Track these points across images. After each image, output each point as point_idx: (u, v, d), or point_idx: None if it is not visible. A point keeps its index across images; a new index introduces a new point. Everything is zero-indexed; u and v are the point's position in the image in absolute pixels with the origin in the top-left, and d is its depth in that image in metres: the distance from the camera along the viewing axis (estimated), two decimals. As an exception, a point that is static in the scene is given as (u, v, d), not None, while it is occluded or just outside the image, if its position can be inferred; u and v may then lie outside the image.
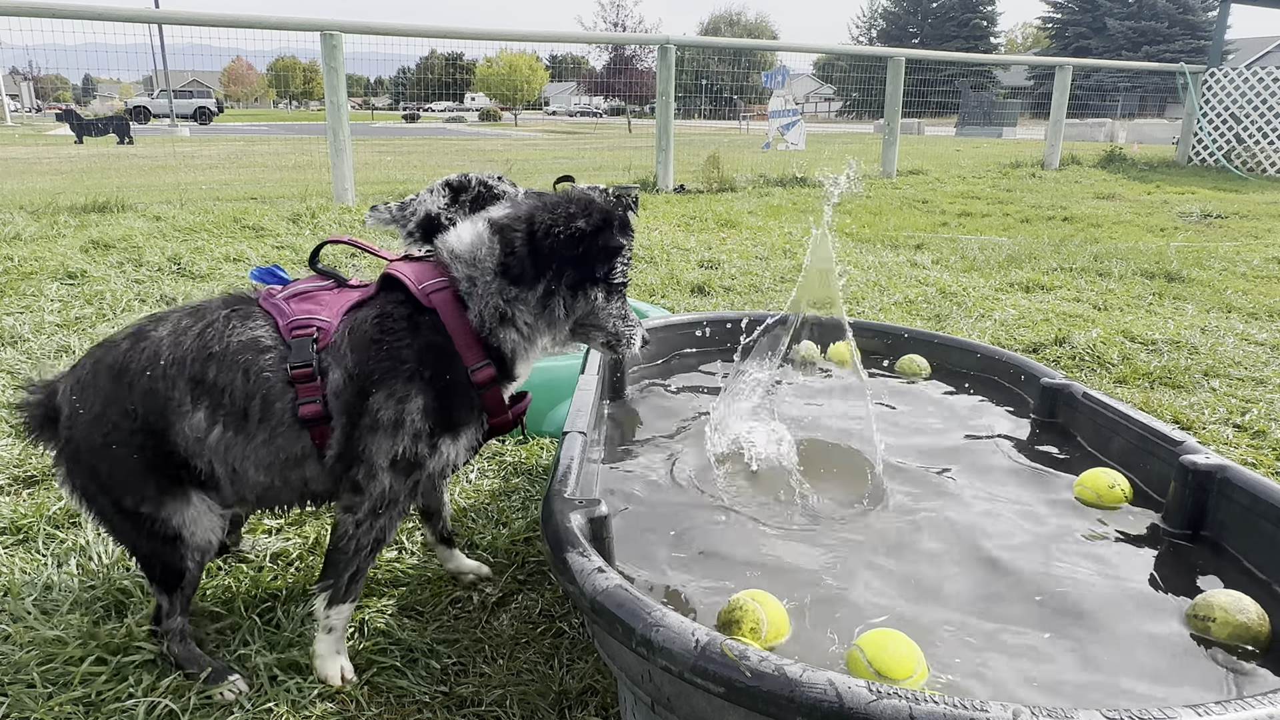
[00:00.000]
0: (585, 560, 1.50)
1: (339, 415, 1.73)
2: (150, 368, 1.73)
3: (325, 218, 7.64)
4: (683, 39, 12.00)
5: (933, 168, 14.80)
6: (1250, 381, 3.96)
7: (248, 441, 1.74)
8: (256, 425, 1.73)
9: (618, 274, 1.86)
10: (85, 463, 1.74)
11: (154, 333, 1.78)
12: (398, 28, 10.37)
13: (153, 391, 1.71)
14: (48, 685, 1.80)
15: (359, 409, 1.72)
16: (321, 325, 1.75)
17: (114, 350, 1.78)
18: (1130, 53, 52.66)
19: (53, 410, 1.79)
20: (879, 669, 1.49)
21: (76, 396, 1.76)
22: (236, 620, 2.05)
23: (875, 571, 1.92)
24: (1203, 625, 1.68)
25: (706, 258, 6.63)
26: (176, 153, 16.34)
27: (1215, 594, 1.71)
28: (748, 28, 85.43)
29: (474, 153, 19.76)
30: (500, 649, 2.01)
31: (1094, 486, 2.23)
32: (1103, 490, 2.21)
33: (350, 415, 1.73)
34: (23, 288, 5.04)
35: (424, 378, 1.73)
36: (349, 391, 1.72)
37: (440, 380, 1.75)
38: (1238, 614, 1.64)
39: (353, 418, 1.73)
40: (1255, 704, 1.17)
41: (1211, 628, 1.66)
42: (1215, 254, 7.13)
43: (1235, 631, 1.63)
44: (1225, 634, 1.64)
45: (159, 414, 1.71)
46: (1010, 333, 4.69)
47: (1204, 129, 15.75)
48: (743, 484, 2.36)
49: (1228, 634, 1.64)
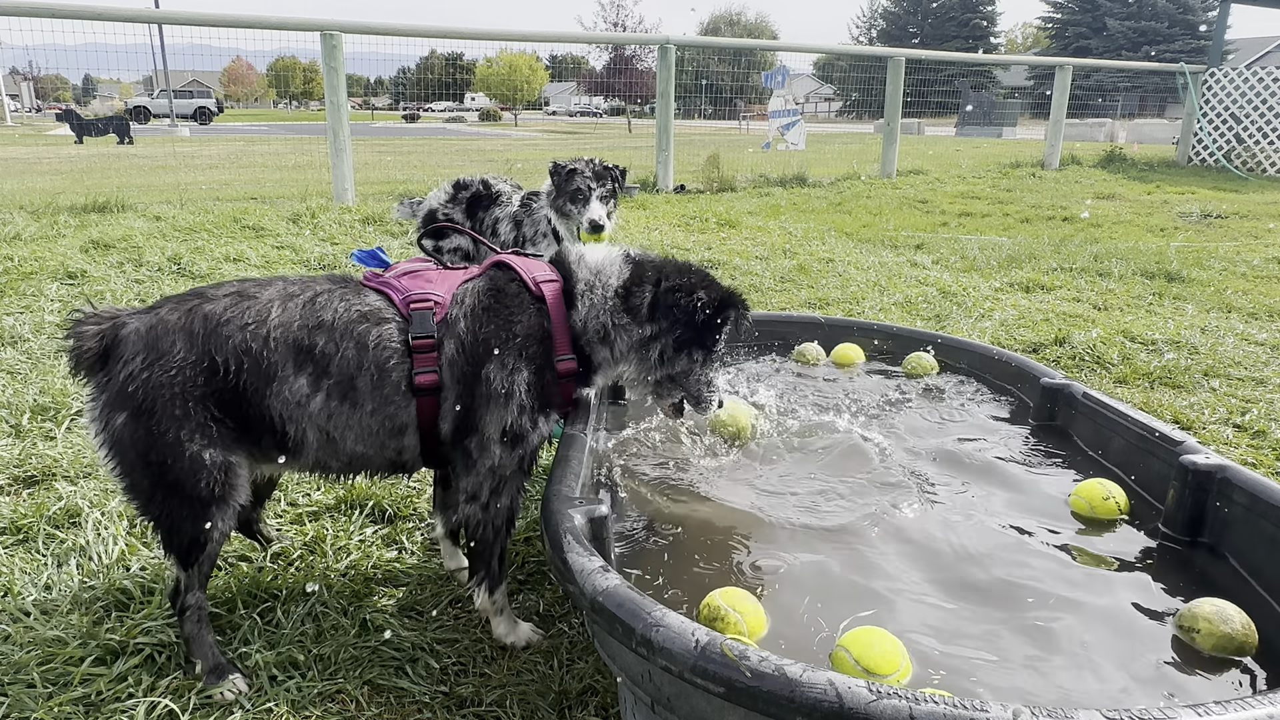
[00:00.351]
0: (585, 560, 1.50)
1: (452, 385, 1.82)
2: (253, 327, 1.73)
3: (325, 218, 7.64)
4: (683, 39, 12.01)
5: (933, 168, 14.79)
6: (1250, 381, 3.96)
7: (354, 411, 1.79)
8: (367, 395, 1.78)
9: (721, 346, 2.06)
10: (141, 405, 1.69)
11: (259, 294, 1.79)
12: (398, 28, 10.36)
13: (250, 351, 1.72)
14: (48, 685, 1.80)
15: (473, 378, 1.82)
16: (438, 300, 1.85)
17: (211, 303, 1.76)
18: (1130, 53, 52.66)
19: (115, 344, 1.73)
20: (867, 667, 1.49)
21: (154, 338, 1.71)
22: (237, 620, 2.05)
23: (863, 571, 1.92)
24: (1188, 637, 1.66)
25: (706, 258, 6.63)
26: (176, 153, 16.34)
27: (1200, 604, 1.68)
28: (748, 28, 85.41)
29: (474, 153, 19.76)
30: (500, 649, 2.01)
31: (1089, 498, 2.20)
32: (1096, 502, 2.19)
33: (465, 384, 1.82)
34: (23, 288, 5.04)
35: (529, 353, 1.87)
36: (463, 360, 1.82)
37: (540, 359, 1.88)
38: (1221, 624, 1.62)
39: (468, 386, 1.82)
40: (1255, 704, 1.17)
41: (1196, 639, 1.64)
42: (1215, 254, 7.13)
43: (1219, 642, 1.61)
44: (1210, 645, 1.62)
45: (254, 374, 1.72)
46: (1010, 333, 4.69)
47: (1204, 129, 15.74)
48: (739, 482, 2.36)
49: (1212, 645, 1.62)
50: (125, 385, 1.69)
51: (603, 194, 3.57)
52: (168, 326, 1.73)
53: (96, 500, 2.55)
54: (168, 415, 1.69)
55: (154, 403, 1.69)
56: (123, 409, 1.70)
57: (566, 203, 3.59)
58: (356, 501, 2.62)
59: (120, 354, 1.72)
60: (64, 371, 3.66)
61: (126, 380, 1.69)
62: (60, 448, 2.95)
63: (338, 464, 1.88)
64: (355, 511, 2.57)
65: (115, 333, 1.74)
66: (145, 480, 1.73)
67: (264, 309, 1.77)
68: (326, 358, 1.76)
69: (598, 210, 3.51)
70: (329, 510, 2.59)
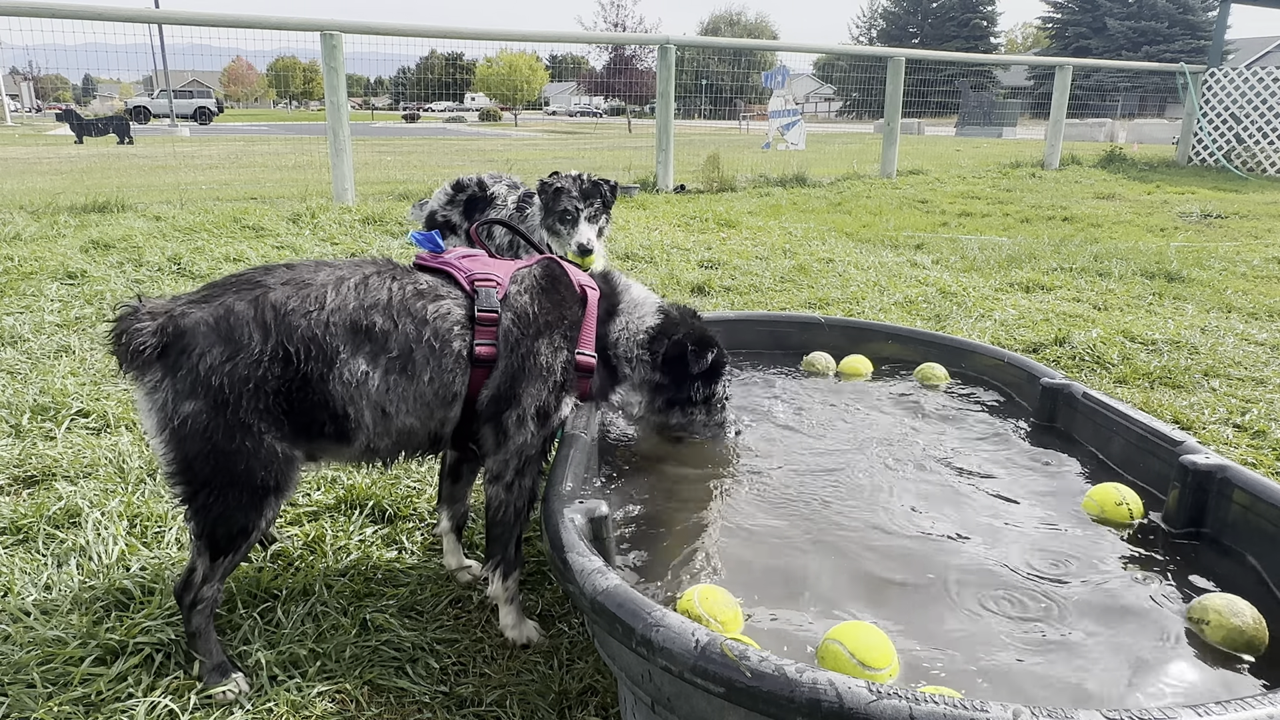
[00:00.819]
0: (585, 560, 1.50)
1: (505, 356, 1.93)
2: (315, 313, 1.77)
3: (325, 218, 7.64)
4: (683, 39, 12.00)
5: (933, 168, 14.80)
6: (1250, 381, 3.96)
7: (410, 382, 1.85)
8: (423, 365, 1.86)
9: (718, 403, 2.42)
10: (222, 397, 1.68)
11: (313, 279, 1.82)
12: (398, 28, 10.36)
13: (315, 338, 1.76)
14: (48, 685, 1.79)
15: (523, 350, 1.95)
16: (499, 280, 1.99)
17: (273, 291, 1.77)
18: (1130, 53, 52.65)
19: (177, 338, 1.69)
20: (862, 660, 1.49)
21: (228, 329, 1.70)
22: (237, 620, 2.05)
23: (861, 569, 1.92)
24: (1197, 629, 1.66)
25: (706, 258, 6.63)
26: (176, 153, 16.34)
27: (1211, 597, 1.69)
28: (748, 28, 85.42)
29: (474, 153, 19.76)
30: (500, 649, 2.01)
31: (1101, 501, 2.19)
32: (1109, 506, 2.17)
33: (514, 355, 1.93)
34: (23, 288, 5.04)
35: (569, 336, 2.05)
36: (517, 332, 1.95)
37: (573, 345, 2.06)
38: (1231, 617, 1.62)
39: (517, 357, 1.94)
40: (1255, 704, 1.17)
41: (1205, 630, 1.65)
42: (1215, 254, 7.13)
43: (1229, 635, 1.61)
44: (1219, 637, 1.62)
45: (319, 360, 1.76)
46: (1010, 333, 4.69)
47: (1204, 129, 15.74)
48: (739, 482, 2.36)
49: (1221, 637, 1.62)
50: (205, 377, 1.68)
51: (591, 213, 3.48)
52: (240, 317, 1.72)
53: (96, 500, 2.55)
54: (250, 408, 1.71)
55: (237, 394, 1.69)
56: (196, 399, 1.68)
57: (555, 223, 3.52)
58: (356, 501, 2.62)
59: (188, 346, 1.69)
60: (64, 371, 3.67)
61: (206, 371, 1.68)
62: (60, 448, 2.94)
63: (387, 442, 1.91)
64: (355, 511, 2.57)
65: (176, 325, 1.70)
66: (208, 468, 1.72)
67: (320, 294, 1.81)
68: (385, 335, 1.83)
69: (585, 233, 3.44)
70: (329, 510, 2.59)
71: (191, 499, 1.76)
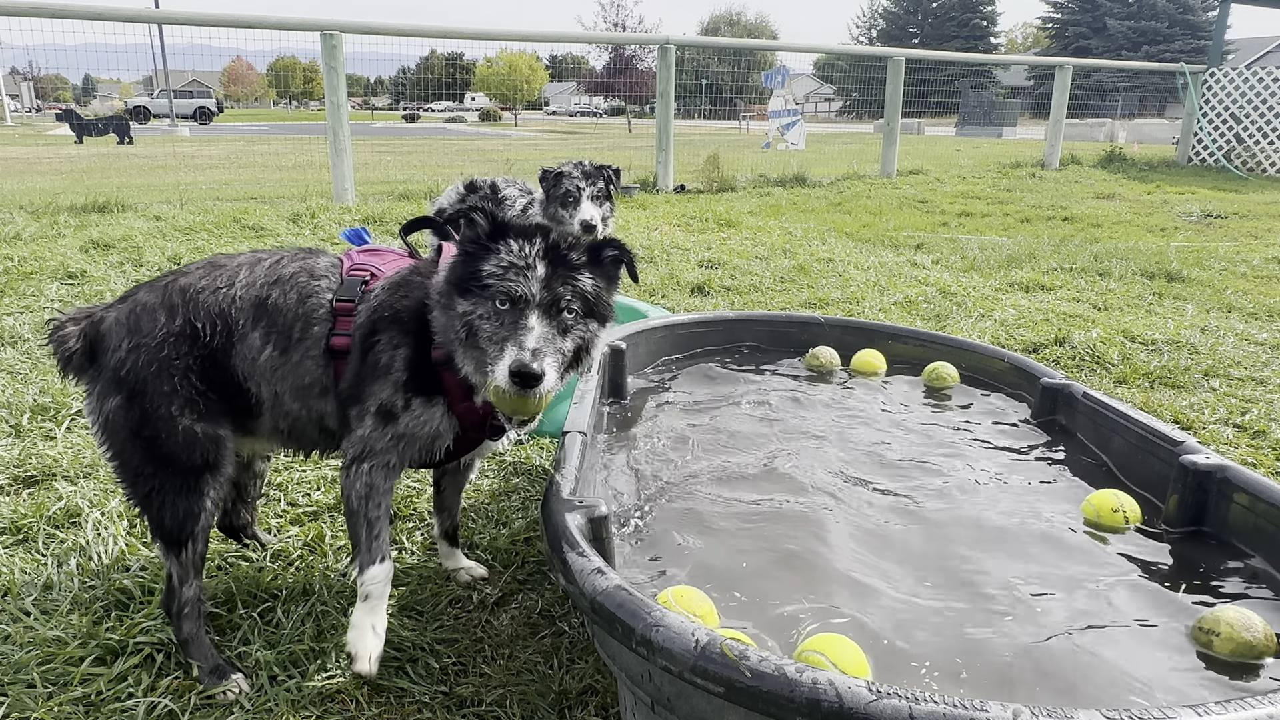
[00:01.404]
0: (585, 560, 1.50)
1: (355, 350, 1.81)
2: (224, 289, 1.79)
3: (325, 218, 7.64)
4: (683, 39, 12.00)
5: (933, 168, 14.79)
6: (1250, 381, 3.96)
7: (286, 362, 1.81)
8: (295, 344, 1.81)
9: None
10: (133, 387, 1.74)
11: (229, 262, 1.85)
12: (398, 28, 10.36)
13: (223, 312, 1.77)
14: (48, 685, 1.79)
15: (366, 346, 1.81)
16: (375, 273, 1.88)
17: (185, 276, 1.83)
18: (1130, 53, 52.65)
19: (98, 337, 1.79)
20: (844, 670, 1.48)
21: (135, 320, 1.77)
22: (237, 620, 2.05)
23: (860, 570, 1.92)
24: (1206, 639, 1.64)
25: (706, 258, 6.63)
26: (176, 153, 16.34)
27: (1225, 609, 1.66)
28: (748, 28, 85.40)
29: (474, 153, 19.75)
30: (500, 649, 2.01)
31: (1098, 506, 2.19)
32: (1105, 513, 2.17)
33: (362, 351, 1.82)
34: (23, 288, 5.04)
35: (413, 331, 1.80)
36: (364, 328, 1.82)
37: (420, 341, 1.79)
38: (1244, 631, 1.60)
39: (363, 354, 1.81)
40: (1255, 704, 1.17)
41: (1215, 642, 1.63)
42: (1215, 254, 7.13)
43: (1239, 649, 1.60)
44: (1228, 649, 1.60)
45: (225, 335, 1.77)
46: (1010, 333, 4.69)
47: (1204, 129, 15.74)
48: (740, 483, 2.36)
49: (1230, 650, 1.60)
50: (116, 371, 1.75)
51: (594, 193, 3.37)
52: (146, 306, 1.79)
53: (96, 500, 2.55)
54: (157, 392, 1.74)
55: (144, 381, 1.74)
56: (115, 394, 1.75)
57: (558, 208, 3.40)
58: (356, 501, 2.61)
59: (106, 345, 1.78)
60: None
61: (116, 366, 1.75)
62: (60, 448, 2.94)
63: (285, 425, 1.89)
64: (355, 511, 2.57)
65: (96, 328, 1.79)
66: (137, 457, 1.77)
67: (234, 273, 1.83)
68: (276, 309, 1.81)
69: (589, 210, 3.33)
70: (329, 510, 2.59)
71: (133, 493, 1.81)
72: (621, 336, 3.03)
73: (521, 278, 1.64)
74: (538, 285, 1.64)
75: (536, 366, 1.55)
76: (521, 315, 1.63)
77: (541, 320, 1.63)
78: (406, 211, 7.93)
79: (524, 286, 1.63)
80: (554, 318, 1.65)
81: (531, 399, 1.60)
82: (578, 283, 1.68)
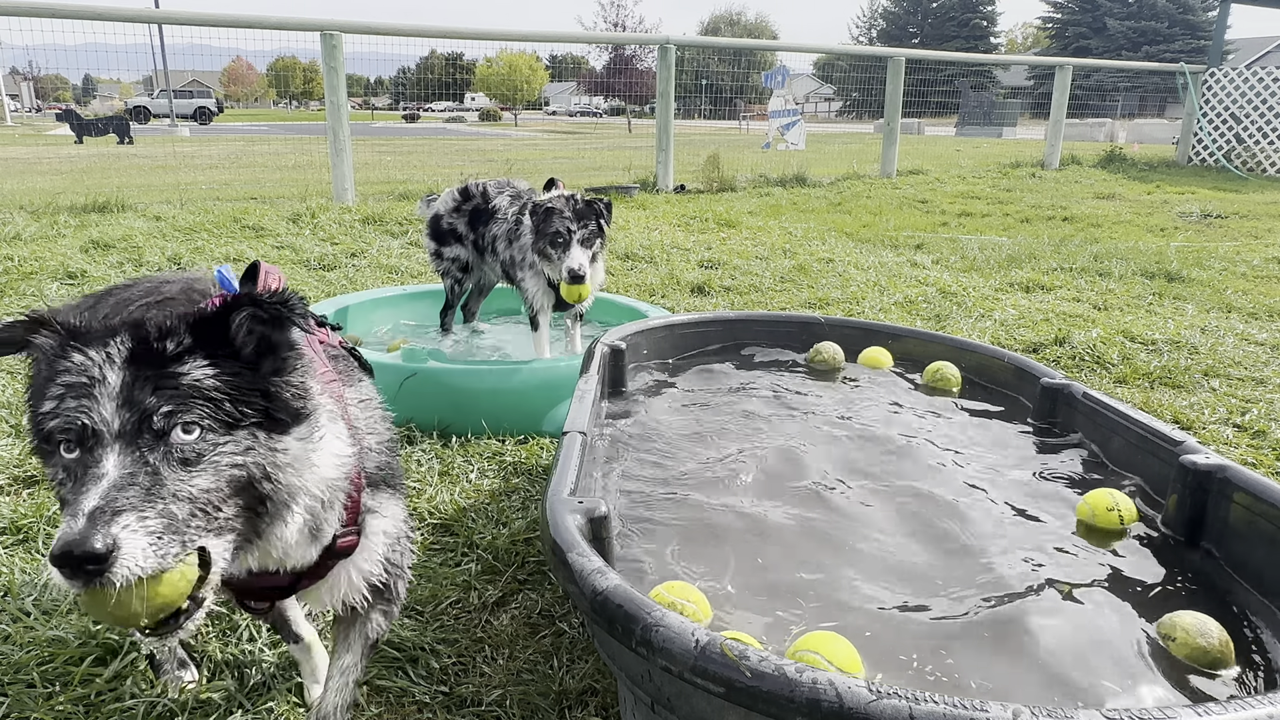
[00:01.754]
0: (585, 560, 1.50)
1: None
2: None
3: (325, 218, 7.64)
4: (683, 39, 12.00)
5: (933, 168, 14.79)
6: (1250, 381, 3.96)
7: None
8: None
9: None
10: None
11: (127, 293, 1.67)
12: (398, 28, 10.36)
13: None
14: (48, 685, 1.80)
15: None
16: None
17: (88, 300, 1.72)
18: (1130, 53, 52.63)
19: None
20: (840, 668, 1.48)
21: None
22: (237, 619, 2.05)
23: (852, 568, 1.92)
24: (1165, 642, 1.67)
25: (706, 258, 6.63)
26: (176, 153, 16.34)
27: (1182, 615, 1.69)
28: (748, 28, 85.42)
29: (474, 153, 19.75)
30: (500, 649, 2.01)
31: (1093, 506, 2.18)
32: (1099, 512, 2.16)
33: None
34: (23, 288, 5.04)
35: None
36: None
37: None
38: (1198, 636, 1.63)
39: None
40: (1255, 704, 1.17)
41: (1171, 646, 1.65)
42: (1215, 254, 7.13)
43: (1192, 654, 1.62)
44: (1183, 654, 1.63)
45: None
46: (1010, 333, 4.69)
47: (1204, 129, 15.74)
48: (740, 482, 2.36)
49: (1185, 654, 1.63)
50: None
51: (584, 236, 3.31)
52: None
53: (96, 500, 2.55)
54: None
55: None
56: None
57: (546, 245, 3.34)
58: (356, 501, 2.61)
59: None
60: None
61: None
62: (60, 448, 2.94)
63: None
64: (355, 511, 2.57)
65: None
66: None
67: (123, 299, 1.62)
68: None
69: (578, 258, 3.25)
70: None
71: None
72: (621, 336, 3.03)
73: (86, 398, 1.07)
74: (111, 406, 1.07)
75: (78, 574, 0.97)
76: (89, 462, 1.05)
77: (120, 463, 1.04)
78: (407, 211, 7.93)
79: (90, 412, 1.07)
80: (147, 450, 1.07)
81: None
82: (181, 381, 1.11)
